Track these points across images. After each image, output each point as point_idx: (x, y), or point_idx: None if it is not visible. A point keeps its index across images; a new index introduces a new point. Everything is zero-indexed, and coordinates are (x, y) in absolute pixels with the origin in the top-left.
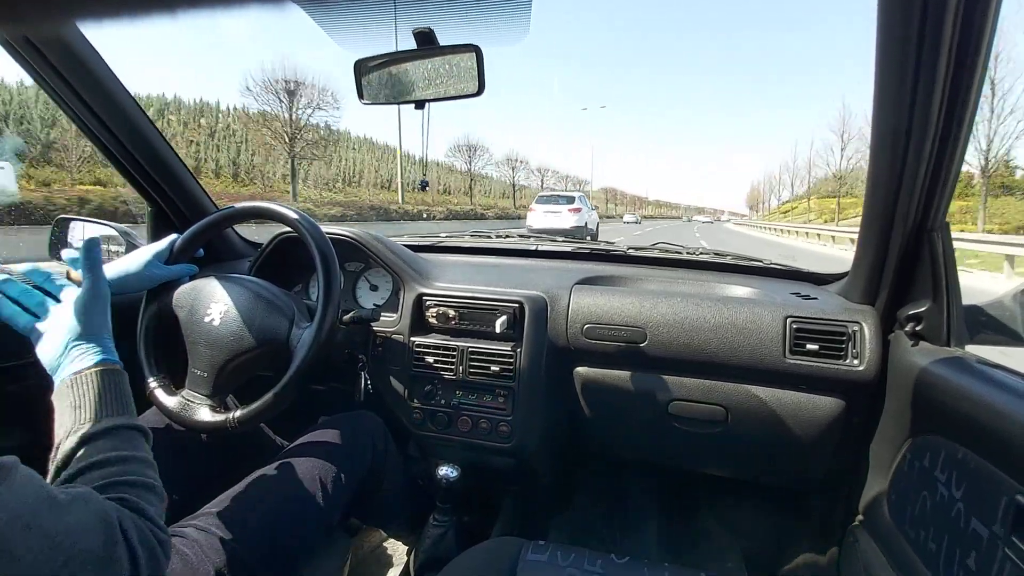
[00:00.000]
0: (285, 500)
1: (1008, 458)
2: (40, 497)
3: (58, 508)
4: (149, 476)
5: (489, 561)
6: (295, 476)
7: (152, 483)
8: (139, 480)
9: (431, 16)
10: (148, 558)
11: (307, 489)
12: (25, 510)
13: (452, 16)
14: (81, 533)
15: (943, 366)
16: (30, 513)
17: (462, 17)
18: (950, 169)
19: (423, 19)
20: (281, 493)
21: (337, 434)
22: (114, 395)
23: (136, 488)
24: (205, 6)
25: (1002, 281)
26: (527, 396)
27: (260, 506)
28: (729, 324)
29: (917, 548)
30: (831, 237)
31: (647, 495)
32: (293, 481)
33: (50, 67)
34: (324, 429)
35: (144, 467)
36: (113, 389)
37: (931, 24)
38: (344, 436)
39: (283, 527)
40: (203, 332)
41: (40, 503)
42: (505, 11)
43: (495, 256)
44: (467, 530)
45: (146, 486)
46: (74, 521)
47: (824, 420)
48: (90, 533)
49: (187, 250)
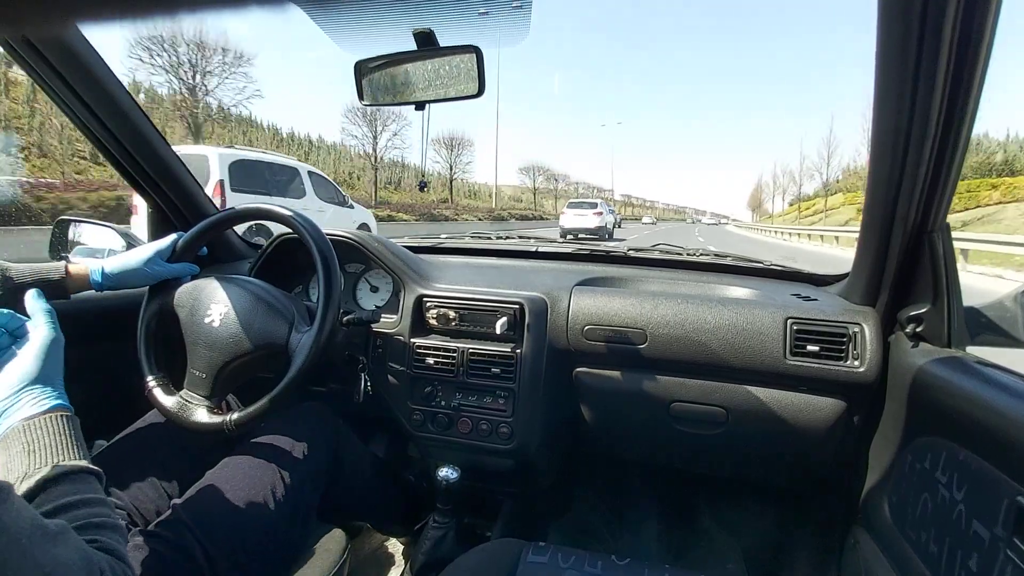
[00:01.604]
0: (245, 493)
1: (1009, 460)
2: (35, 524)
3: (49, 538)
4: (113, 517)
5: (489, 563)
6: (249, 470)
7: (117, 523)
8: (106, 522)
9: (431, 16)
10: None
11: (264, 479)
12: (23, 535)
13: (452, 17)
14: (67, 567)
15: (944, 367)
16: (27, 538)
17: (462, 18)
18: (950, 170)
19: (423, 20)
20: (241, 487)
21: (288, 427)
22: (70, 439)
23: (104, 530)
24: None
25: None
26: (527, 397)
27: (223, 503)
28: (729, 325)
29: (918, 550)
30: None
31: (648, 496)
32: (248, 475)
33: (50, 67)
34: (274, 424)
35: (107, 508)
36: (69, 433)
37: (931, 25)
38: (296, 429)
39: (249, 521)
40: (203, 333)
41: (35, 530)
42: (505, 12)
43: (495, 257)
44: (467, 532)
45: (113, 527)
46: (62, 554)
47: (825, 421)
48: (74, 569)
49: (190, 249)
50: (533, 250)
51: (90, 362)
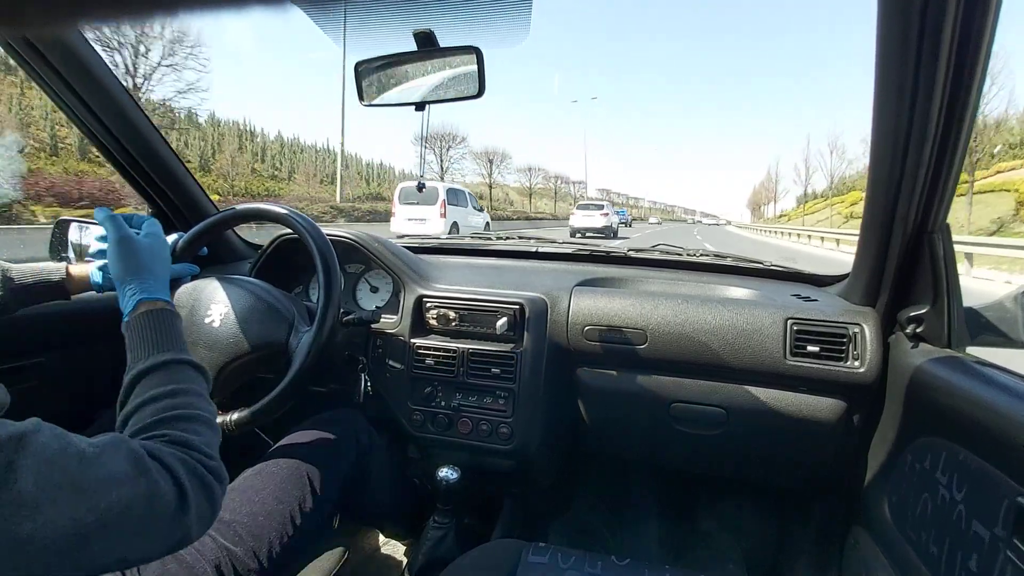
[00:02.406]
0: (274, 498)
1: (1009, 460)
2: (68, 454)
3: (87, 462)
4: (196, 407)
5: (489, 563)
6: (283, 474)
7: (198, 413)
8: (185, 413)
9: (431, 18)
10: (197, 487)
11: (295, 486)
12: (54, 470)
13: (452, 18)
14: (115, 482)
15: (944, 368)
16: (59, 472)
17: (462, 19)
18: (950, 171)
19: (423, 21)
20: (270, 492)
21: (321, 433)
22: (158, 333)
23: (181, 421)
24: (205, 7)
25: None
26: (527, 398)
27: (251, 505)
28: (730, 326)
29: (918, 550)
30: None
31: (648, 497)
32: (281, 479)
33: (51, 68)
34: (308, 429)
35: (192, 398)
36: (156, 327)
37: (931, 27)
38: (328, 434)
39: (273, 526)
40: (203, 333)
41: (68, 460)
42: (505, 13)
43: (495, 258)
44: (467, 532)
45: (191, 417)
46: (106, 472)
47: (825, 422)
48: (124, 480)
49: (190, 249)
50: (533, 250)
51: (90, 362)
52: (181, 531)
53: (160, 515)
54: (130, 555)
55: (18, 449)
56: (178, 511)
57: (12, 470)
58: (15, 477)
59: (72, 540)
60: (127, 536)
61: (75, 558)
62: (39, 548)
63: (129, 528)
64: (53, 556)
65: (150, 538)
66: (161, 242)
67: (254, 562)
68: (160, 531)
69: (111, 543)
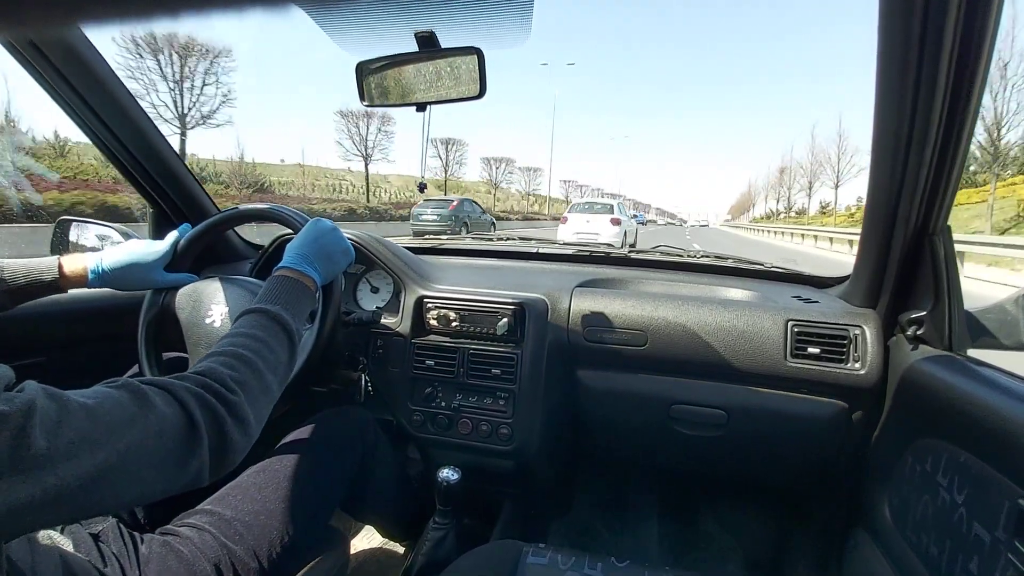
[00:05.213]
0: (277, 496)
1: (1010, 462)
2: (71, 410)
3: (92, 413)
4: (259, 354)
5: (489, 564)
6: (286, 472)
7: (244, 354)
8: (233, 351)
9: (432, 18)
10: (209, 419)
11: (298, 484)
12: (63, 428)
13: (453, 18)
14: (123, 423)
15: (944, 370)
16: (69, 428)
17: (463, 19)
18: (951, 173)
19: (424, 21)
20: (272, 489)
21: (326, 429)
22: (277, 292)
23: (224, 355)
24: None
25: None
26: (528, 398)
27: (252, 503)
28: (730, 327)
29: (919, 553)
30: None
31: (648, 498)
32: (284, 477)
33: (52, 69)
34: (313, 425)
35: (247, 339)
36: (283, 287)
37: (932, 28)
38: (333, 431)
39: (275, 525)
40: (204, 334)
41: (74, 416)
42: (506, 13)
43: (496, 259)
44: (467, 533)
45: (237, 356)
46: (111, 418)
47: (825, 423)
48: (132, 419)
49: (191, 249)
50: (534, 251)
51: (90, 362)
52: (197, 462)
53: (172, 447)
54: (148, 490)
55: (28, 415)
56: (189, 440)
57: (26, 435)
58: (29, 443)
59: (95, 483)
60: (144, 469)
61: (99, 497)
62: (67, 496)
63: (146, 461)
64: (81, 499)
65: (166, 471)
66: (337, 238)
67: (254, 562)
68: (174, 462)
69: (130, 480)
